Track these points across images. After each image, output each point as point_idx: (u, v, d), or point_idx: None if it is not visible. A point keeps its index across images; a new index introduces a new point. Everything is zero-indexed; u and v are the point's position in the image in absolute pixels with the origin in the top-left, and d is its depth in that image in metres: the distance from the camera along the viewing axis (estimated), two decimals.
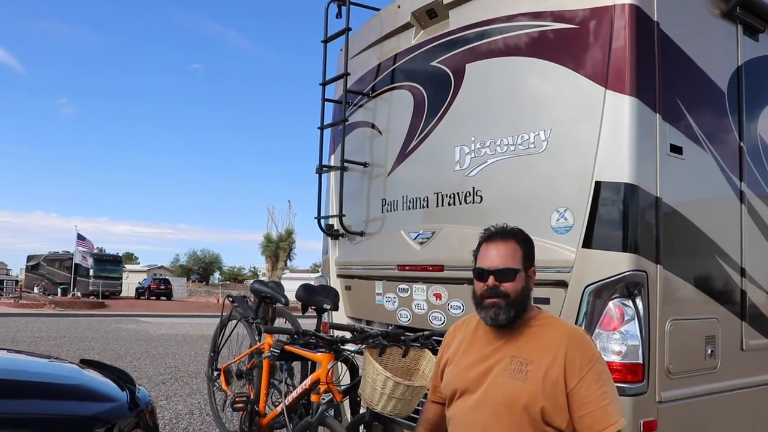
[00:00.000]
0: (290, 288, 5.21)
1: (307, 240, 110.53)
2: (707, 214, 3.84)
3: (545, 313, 2.58)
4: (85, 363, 3.66)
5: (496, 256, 2.49)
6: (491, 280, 2.47)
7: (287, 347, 4.17)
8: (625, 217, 3.39)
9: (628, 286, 3.35)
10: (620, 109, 3.43)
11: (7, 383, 3.13)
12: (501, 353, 2.46)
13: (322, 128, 5.30)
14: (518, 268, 2.48)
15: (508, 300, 2.45)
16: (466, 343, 2.62)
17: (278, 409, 4.33)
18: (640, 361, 3.34)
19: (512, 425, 2.34)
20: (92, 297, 44.29)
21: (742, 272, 4.01)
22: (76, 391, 3.15)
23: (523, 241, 2.54)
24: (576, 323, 3.42)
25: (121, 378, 3.28)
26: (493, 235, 2.56)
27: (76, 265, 46.07)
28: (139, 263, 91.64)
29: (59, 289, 47.50)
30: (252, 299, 5.15)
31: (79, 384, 3.28)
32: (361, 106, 5.21)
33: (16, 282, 52.16)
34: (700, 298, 3.74)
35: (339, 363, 3.91)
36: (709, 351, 3.73)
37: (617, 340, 3.34)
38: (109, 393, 3.08)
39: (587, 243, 3.46)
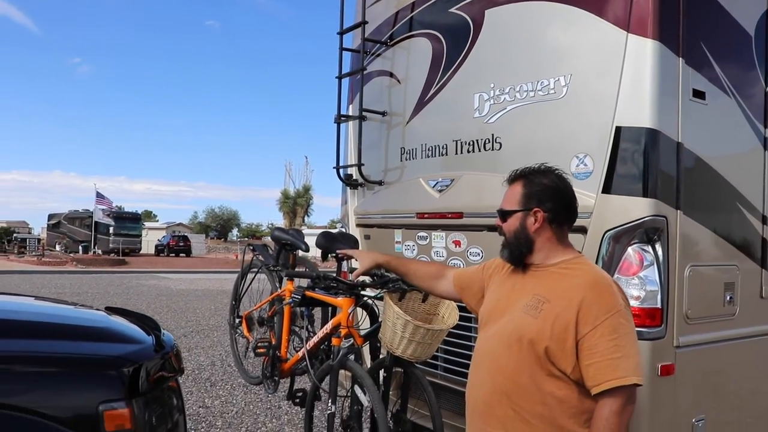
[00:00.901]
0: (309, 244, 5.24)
1: (324, 196, 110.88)
2: (729, 160, 3.81)
3: (581, 258, 2.55)
4: (111, 310, 3.73)
5: (502, 198, 2.61)
6: (497, 220, 2.61)
7: (308, 293, 4.23)
8: (646, 162, 3.37)
9: (648, 232, 3.35)
10: (642, 53, 3.38)
11: (38, 325, 3.22)
12: (526, 290, 2.48)
13: (340, 77, 5.28)
14: (510, 210, 2.54)
15: (504, 239, 2.57)
16: (506, 275, 2.66)
17: (299, 354, 4.41)
18: (659, 306, 3.36)
19: (520, 359, 2.37)
20: (113, 254, 44.80)
21: (764, 220, 4.00)
22: (103, 333, 3.22)
23: (531, 181, 2.54)
24: None
25: (146, 323, 3.34)
26: (508, 178, 2.63)
27: (96, 223, 46.51)
28: (158, 221, 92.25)
29: (80, 247, 48.11)
30: (272, 247, 5.20)
31: (107, 327, 3.35)
32: (379, 55, 5.17)
33: (39, 240, 52.81)
34: (720, 244, 3.73)
35: (359, 309, 3.96)
36: (728, 298, 3.74)
37: (636, 285, 3.36)
38: (135, 336, 3.15)
39: (607, 188, 3.45)
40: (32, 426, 2.50)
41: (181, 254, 54.15)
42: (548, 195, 2.50)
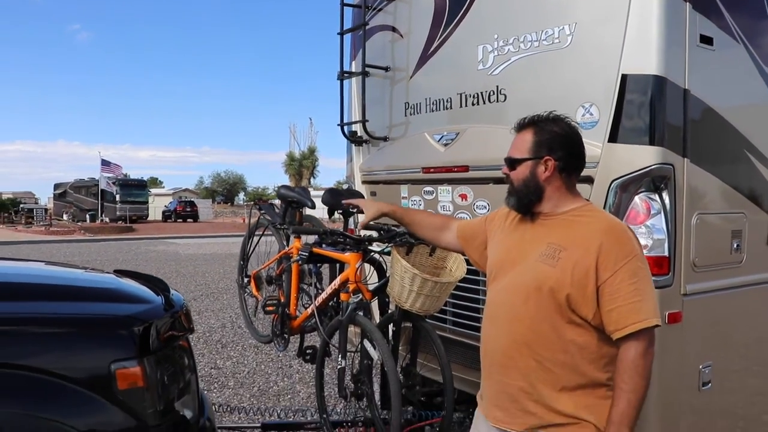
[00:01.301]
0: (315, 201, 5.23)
1: (329, 158, 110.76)
2: (737, 107, 3.76)
3: (591, 205, 2.55)
4: (120, 272, 3.75)
5: (510, 146, 2.56)
6: (504, 168, 2.57)
7: (315, 250, 4.24)
8: (652, 110, 3.33)
9: (655, 180, 3.34)
10: None
11: (49, 287, 3.25)
12: (540, 239, 2.46)
13: (341, 33, 5.21)
14: (520, 158, 2.49)
15: (512, 187, 2.52)
16: (513, 225, 2.63)
17: (308, 311, 4.44)
18: (666, 254, 3.35)
19: (539, 308, 2.36)
20: (120, 222, 44.97)
21: None
22: (113, 294, 3.25)
23: (541, 128, 2.49)
24: None
25: (155, 284, 3.36)
26: (516, 126, 2.58)
27: (102, 191, 46.59)
28: (164, 187, 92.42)
29: (87, 216, 48.25)
30: (279, 206, 5.21)
31: (116, 288, 3.38)
32: (380, 10, 5.09)
33: (46, 210, 52.97)
34: (727, 192, 3.71)
35: (366, 264, 3.97)
36: (735, 245, 3.73)
37: (643, 233, 3.35)
38: (144, 296, 3.17)
39: (613, 137, 3.42)
40: (47, 386, 2.53)
41: (188, 219, 54.36)
42: (559, 143, 2.46)
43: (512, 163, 2.51)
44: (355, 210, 4.15)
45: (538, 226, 2.52)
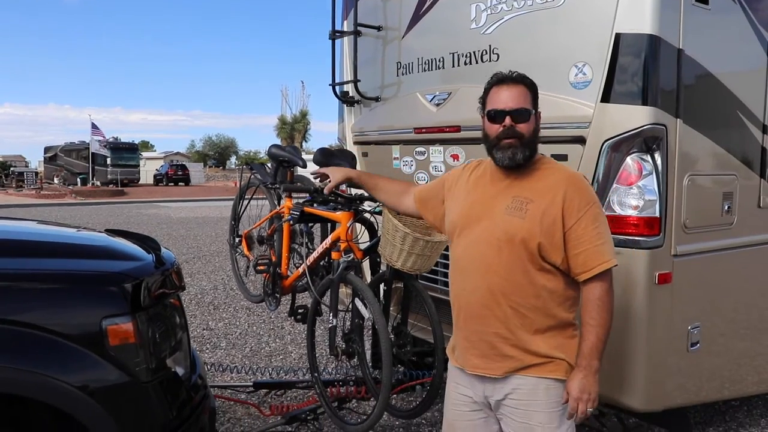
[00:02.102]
0: (310, 169, 5.20)
1: (322, 121, 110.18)
2: (731, 68, 3.75)
3: (547, 158, 2.69)
4: (111, 231, 3.74)
5: (510, 98, 2.54)
6: (508, 120, 2.53)
7: (307, 209, 4.23)
8: (645, 69, 3.32)
9: (647, 141, 3.33)
10: None
11: (40, 244, 3.24)
12: (505, 193, 2.57)
13: None
14: (531, 110, 2.57)
15: (523, 140, 2.54)
16: (473, 182, 2.73)
17: (299, 270, 4.44)
18: (657, 215, 3.36)
19: (511, 258, 2.49)
20: (111, 185, 44.80)
21: (765, 129, 3.96)
22: (104, 251, 3.23)
23: (530, 85, 2.60)
24: (593, 179, 3.43)
25: (146, 242, 3.35)
26: (505, 78, 2.60)
27: (93, 154, 46.27)
28: (155, 151, 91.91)
29: (78, 179, 48.01)
30: (270, 166, 5.18)
31: (107, 245, 3.37)
32: None
33: (36, 174, 52.61)
34: (719, 153, 3.71)
35: (357, 224, 3.97)
36: (726, 207, 3.74)
37: (635, 194, 3.36)
38: (135, 253, 3.16)
39: (606, 97, 3.40)
40: (39, 342, 2.53)
41: (179, 183, 54.17)
42: (538, 99, 2.63)
43: (526, 113, 2.55)
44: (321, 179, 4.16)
45: (498, 181, 2.63)
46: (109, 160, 47.66)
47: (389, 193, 3.27)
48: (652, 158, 3.34)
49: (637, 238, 3.36)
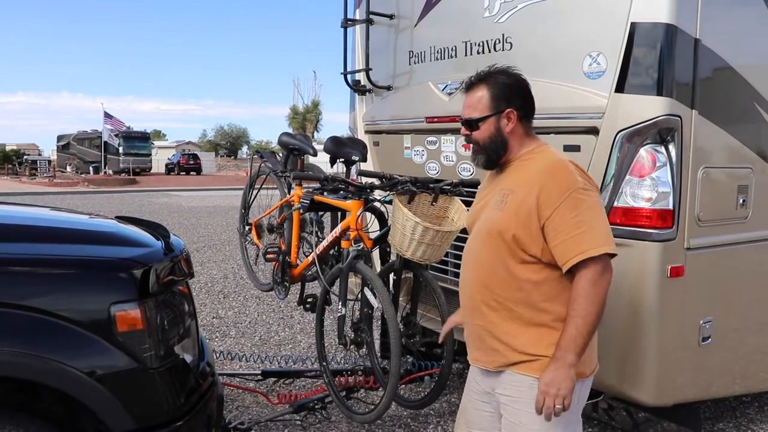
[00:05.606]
0: (319, 161, 5.19)
1: (333, 111, 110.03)
2: (749, 59, 3.69)
3: (542, 146, 2.58)
4: (121, 218, 3.75)
5: (464, 107, 2.61)
6: (463, 129, 2.63)
7: (317, 197, 4.22)
8: (661, 59, 3.27)
9: (661, 132, 3.29)
10: None
11: (50, 229, 3.23)
12: (495, 188, 2.58)
13: None
14: (482, 116, 2.53)
15: (479, 146, 2.58)
16: (486, 180, 2.77)
17: (309, 259, 4.43)
18: (671, 207, 3.32)
19: (493, 251, 2.47)
20: (123, 174, 44.96)
21: None
22: (113, 237, 3.23)
23: (494, 83, 2.54)
24: (606, 170, 3.39)
25: (155, 229, 3.35)
26: (466, 84, 2.63)
27: (105, 143, 46.44)
28: (167, 140, 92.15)
29: (91, 168, 48.25)
30: (281, 153, 5.17)
31: (117, 232, 3.37)
32: None
33: (49, 162, 52.87)
34: (734, 146, 3.66)
35: (367, 213, 3.95)
36: (741, 200, 3.69)
37: (648, 186, 3.32)
38: (144, 240, 3.15)
39: (620, 87, 3.36)
40: (49, 327, 2.53)
41: (191, 172, 54.30)
42: (515, 92, 2.54)
43: (474, 123, 2.55)
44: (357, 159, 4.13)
45: (492, 177, 2.67)
46: (121, 149, 47.81)
47: None
48: (666, 150, 3.30)
49: (649, 230, 3.32)
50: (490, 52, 4.04)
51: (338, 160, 4.48)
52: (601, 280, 2.32)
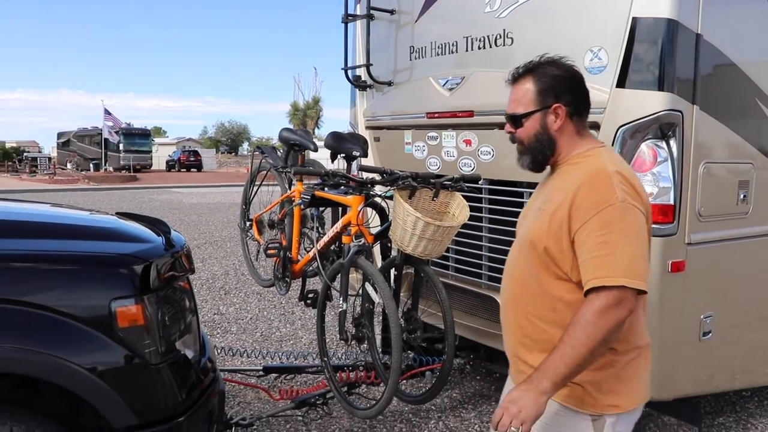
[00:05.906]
0: (320, 157, 5.19)
1: (334, 108, 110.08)
2: (751, 54, 3.69)
3: (595, 149, 2.27)
4: (121, 215, 3.74)
5: (509, 101, 2.32)
6: (507, 126, 2.35)
7: (317, 193, 4.21)
8: (662, 54, 3.28)
9: (662, 127, 3.29)
10: None
11: (51, 225, 3.24)
12: (541, 192, 2.36)
13: None
14: (526, 112, 2.26)
15: (523, 146, 2.31)
16: (537, 187, 2.49)
17: (310, 254, 4.43)
18: (672, 202, 3.33)
19: (526, 264, 2.24)
20: (124, 171, 44.94)
21: None
22: (114, 233, 3.23)
23: (541, 74, 2.25)
24: None
25: (156, 225, 3.35)
26: (511, 77, 2.34)
27: (105, 140, 46.40)
28: (167, 137, 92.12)
29: (91, 165, 48.20)
30: (281, 149, 5.17)
31: (117, 228, 3.36)
32: None
33: (49, 159, 52.81)
34: (736, 141, 3.66)
35: (368, 208, 3.95)
36: (742, 196, 3.70)
37: (649, 181, 3.32)
38: (145, 236, 3.15)
39: (621, 83, 3.36)
40: (49, 323, 2.53)
41: (192, 169, 54.24)
42: (564, 86, 2.24)
43: (518, 119, 2.29)
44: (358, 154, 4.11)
45: (548, 177, 2.39)
46: (121, 146, 47.75)
47: None
48: (668, 145, 3.30)
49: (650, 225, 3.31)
50: (491, 47, 4.04)
51: (339, 156, 4.47)
52: (609, 313, 1.97)
